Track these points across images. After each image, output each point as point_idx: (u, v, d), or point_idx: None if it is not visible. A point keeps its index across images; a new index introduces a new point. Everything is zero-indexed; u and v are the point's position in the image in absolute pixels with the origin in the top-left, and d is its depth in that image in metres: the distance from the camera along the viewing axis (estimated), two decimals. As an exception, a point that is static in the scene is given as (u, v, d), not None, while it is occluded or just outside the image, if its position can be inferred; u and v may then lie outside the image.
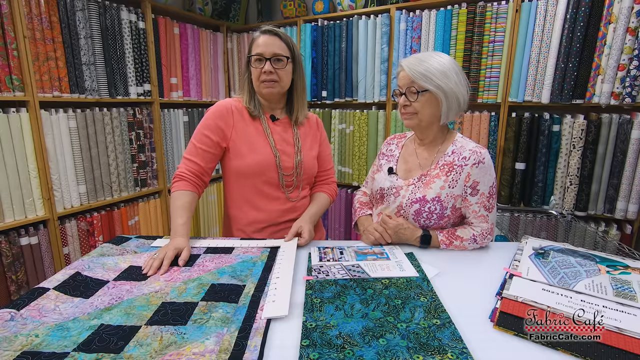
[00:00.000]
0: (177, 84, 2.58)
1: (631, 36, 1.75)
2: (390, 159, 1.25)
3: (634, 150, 1.85)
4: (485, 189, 1.07)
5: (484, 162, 1.05)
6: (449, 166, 1.09)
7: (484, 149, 1.08)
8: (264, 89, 1.16)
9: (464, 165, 1.06)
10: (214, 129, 1.17)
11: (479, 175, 1.06)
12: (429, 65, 1.04)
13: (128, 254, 1.01)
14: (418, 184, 1.12)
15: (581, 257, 0.94)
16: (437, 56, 1.06)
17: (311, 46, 2.68)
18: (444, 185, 1.08)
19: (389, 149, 1.29)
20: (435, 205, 1.08)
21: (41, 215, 1.85)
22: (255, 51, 1.14)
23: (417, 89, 1.06)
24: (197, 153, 1.17)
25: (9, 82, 1.69)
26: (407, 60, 1.09)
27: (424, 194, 1.09)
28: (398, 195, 1.14)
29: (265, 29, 1.16)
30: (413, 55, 1.09)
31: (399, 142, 1.28)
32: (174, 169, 2.63)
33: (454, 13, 2.18)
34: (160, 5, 2.37)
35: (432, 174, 1.11)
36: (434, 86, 1.04)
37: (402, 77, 1.09)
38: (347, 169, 2.75)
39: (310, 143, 1.29)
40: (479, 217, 1.08)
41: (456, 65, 1.07)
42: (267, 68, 1.12)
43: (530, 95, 2.07)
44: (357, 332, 0.67)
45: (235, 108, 1.20)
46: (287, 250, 1.04)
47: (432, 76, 1.03)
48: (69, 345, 0.62)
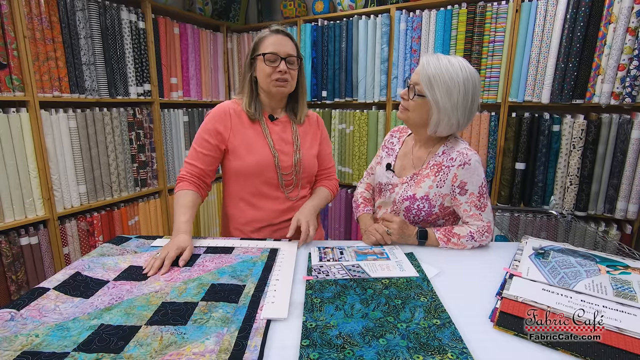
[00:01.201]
0: (177, 84, 2.58)
1: (631, 36, 1.75)
2: (390, 153, 1.29)
3: (634, 150, 1.85)
4: (475, 189, 1.08)
5: (469, 164, 1.07)
6: (438, 166, 1.12)
7: (472, 151, 1.09)
8: (274, 88, 1.17)
9: (451, 166, 1.09)
10: (213, 132, 1.18)
11: (466, 176, 1.07)
12: (440, 75, 1.01)
13: (128, 254, 1.01)
14: (410, 182, 1.16)
15: (581, 257, 0.94)
16: (458, 69, 1.01)
17: (311, 46, 2.68)
18: (432, 184, 1.11)
19: (390, 142, 1.32)
20: (424, 203, 1.13)
21: (41, 215, 1.85)
22: (269, 50, 1.13)
23: (417, 91, 1.06)
24: (197, 157, 1.19)
25: (9, 82, 1.69)
26: (427, 57, 1.05)
27: (414, 192, 1.14)
28: (393, 192, 1.20)
29: (276, 29, 1.17)
30: (437, 55, 1.05)
31: (401, 136, 1.30)
32: (174, 169, 2.63)
33: (454, 13, 2.18)
34: (160, 5, 2.37)
35: (423, 174, 1.15)
36: (432, 97, 1.04)
37: (416, 71, 1.09)
38: (347, 169, 2.75)
39: (310, 142, 1.29)
40: (471, 216, 1.10)
41: (472, 86, 1.02)
42: (283, 68, 1.13)
43: (530, 95, 2.07)
44: (357, 332, 0.67)
45: (233, 111, 1.20)
46: (287, 251, 1.04)
47: (435, 86, 1.02)
48: (69, 345, 0.62)
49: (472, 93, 1.04)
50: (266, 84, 1.17)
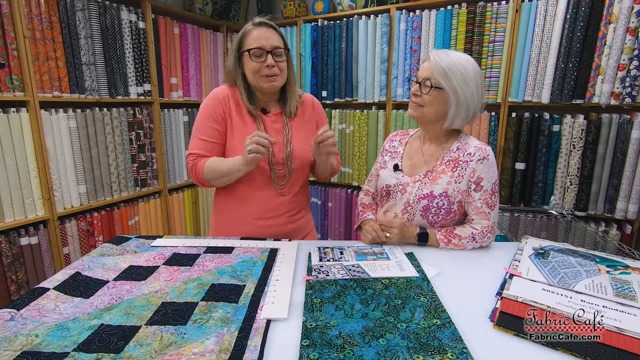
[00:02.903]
0: (177, 84, 2.58)
1: (631, 36, 1.75)
2: (394, 155, 1.24)
3: (634, 150, 1.85)
4: (489, 186, 1.08)
5: (488, 159, 1.07)
6: (454, 162, 1.10)
7: (488, 147, 1.10)
8: (265, 84, 1.13)
9: (469, 161, 1.08)
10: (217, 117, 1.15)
11: (484, 171, 1.07)
12: (454, 66, 1.03)
13: (128, 254, 1.01)
14: (424, 180, 1.12)
15: (581, 257, 0.94)
16: (466, 61, 1.05)
17: (311, 46, 2.68)
18: (450, 180, 1.09)
19: (392, 146, 1.28)
20: (443, 200, 1.09)
21: (41, 215, 1.85)
22: (254, 45, 1.10)
23: (433, 84, 1.06)
24: (204, 146, 1.15)
25: (9, 82, 1.69)
26: (436, 51, 1.08)
27: (431, 190, 1.10)
28: (405, 192, 1.14)
29: (258, 22, 1.14)
30: (443, 50, 1.08)
31: (402, 138, 1.28)
32: (174, 169, 2.63)
33: (454, 13, 2.18)
34: (160, 5, 2.37)
35: (438, 170, 1.12)
36: (450, 87, 1.04)
37: (424, 67, 1.09)
38: (347, 169, 2.75)
39: (304, 133, 1.25)
40: (480, 213, 1.09)
41: (480, 77, 1.06)
42: (270, 62, 1.10)
43: (530, 95, 2.07)
44: (357, 332, 0.67)
45: (231, 97, 1.18)
46: (287, 251, 1.04)
47: (452, 76, 1.03)
48: (69, 345, 0.62)
49: (482, 82, 1.08)
50: (255, 80, 1.13)
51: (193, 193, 2.81)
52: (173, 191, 2.65)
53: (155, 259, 0.97)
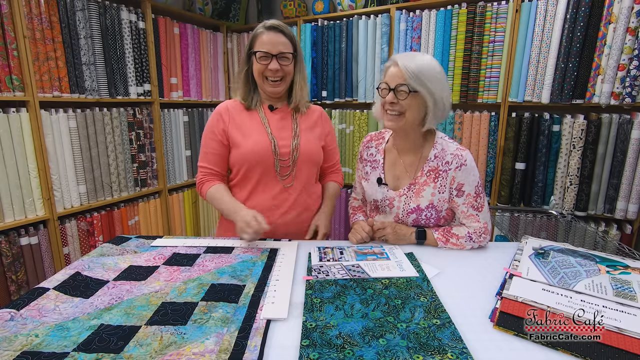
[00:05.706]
0: (177, 84, 2.58)
1: (631, 36, 1.75)
2: (375, 166, 1.22)
3: (634, 150, 1.85)
4: (471, 189, 1.08)
5: (466, 164, 1.06)
6: (434, 172, 1.10)
7: (465, 151, 1.08)
8: (268, 87, 1.19)
9: (448, 170, 1.08)
10: (218, 132, 1.22)
11: (463, 177, 1.07)
12: (424, 68, 1.02)
13: (128, 254, 1.01)
14: (409, 193, 1.13)
15: (581, 257, 0.94)
16: (431, 61, 1.04)
17: (311, 46, 2.68)
18: (434, 191, 1.10)
19: (369, 154, 1.24)
20: (431, 211, 1.11)
21: (41, 215, 1.85)
22: (261, 48, 1.14)
23: (409, 89, 1.02)
24: (207, 159, 1.24)
25: (9, 82, 1.69)
26: (401, 56, 1.05)
27: (417, 204, 1.11)
28: (392, 207, 1.16)
29: (269, 25, 1.16)
30: (405, 53, 1.08)
31: (379, 144, 1.24)
32: (174, 169, 2.63)
33: (454, 13, 2.18)
34: (160, 5, 2.37)
35: (420, 182, 1.11)
36: (426, 89, 1.02)
37: (393, 74, 1.04)
38: (347, 169, 2.75)
39: (311, 129, 1.27)
40: (468, 216, 1.09)
41: (442, 69, 1.06)
42: (274, 66, 1.14)
43: (530, 95, 2.07)
44: (357, 332, 0.67)
45: (230, 106, 1.24)
46: (287, 252, 1.04)
47: (424, 79, 1.01)
48: (69, 345, 0.62)
49: (443, 72, 1.07)
50: (260, 81, 1.20)
51: (193, 193, 2.81)
52: (173, 191, 2.65)
53: (155, 259, 0.97)
